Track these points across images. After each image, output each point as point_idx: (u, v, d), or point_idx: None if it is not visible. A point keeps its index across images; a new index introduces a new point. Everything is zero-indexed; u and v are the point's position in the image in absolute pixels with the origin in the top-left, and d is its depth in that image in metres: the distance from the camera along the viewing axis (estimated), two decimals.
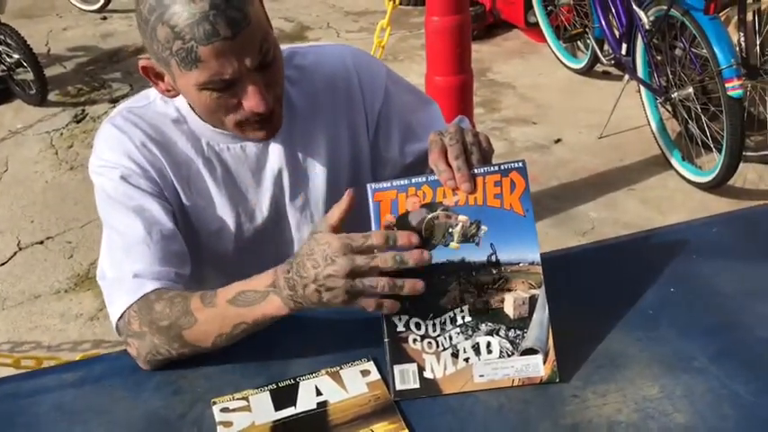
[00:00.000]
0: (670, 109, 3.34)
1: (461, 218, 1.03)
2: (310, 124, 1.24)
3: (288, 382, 1.05)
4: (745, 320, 1.12)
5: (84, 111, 4.39)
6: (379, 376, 1.04)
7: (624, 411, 0.97)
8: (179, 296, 1.08)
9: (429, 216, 1.02)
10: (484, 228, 1.03)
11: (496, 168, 1.04)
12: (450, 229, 1.03)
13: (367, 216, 1.03)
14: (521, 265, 1.03)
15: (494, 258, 1.03)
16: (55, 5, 6.15)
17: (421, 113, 1.32)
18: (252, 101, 1.06)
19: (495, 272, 1.03)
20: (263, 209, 1.26)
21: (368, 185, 1.04)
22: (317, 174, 1.26)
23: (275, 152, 1.23)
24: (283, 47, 1.29)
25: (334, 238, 0.97)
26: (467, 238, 1.03)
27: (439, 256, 1.02)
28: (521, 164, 1.04)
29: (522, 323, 1.03)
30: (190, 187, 1.21)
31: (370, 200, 1.03)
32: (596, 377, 1.03)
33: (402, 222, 1.02)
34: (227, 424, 0.99)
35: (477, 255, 1.03)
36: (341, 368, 1.06)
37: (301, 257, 0.99)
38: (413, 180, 1.04)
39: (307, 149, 1.25)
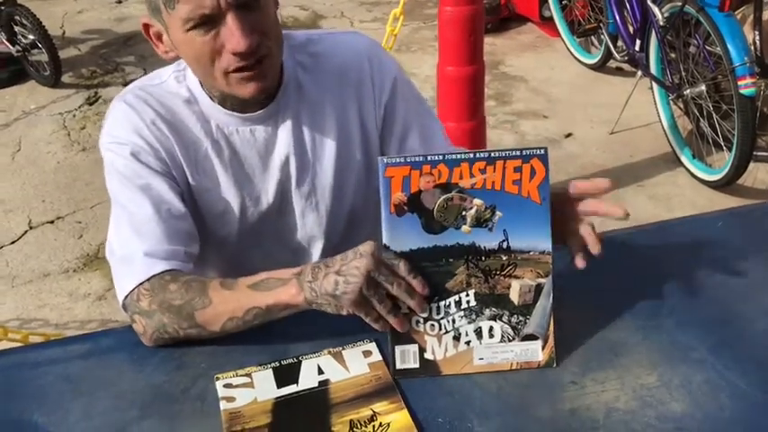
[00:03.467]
0: (682, 106, 3.33)
1: (476, 201, 1.00)
2: (320, 112, 1.25)
3: (291, 360, 1.06)
4: (746, 313, 1.12)
5: (96, 93, 4.41)
6: (380, 357, 1.06)
7: (622, 399, 0.98)
8: (197, 280, 1.10)
9: (443, 197, 1.00)
10: (499, 213, 1.01)
11: (518, 153, 1.00)
12: (464, 212, 1.00)
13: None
14: (531, 253, 1.03)
15: (505, 245, 1.02)
16: None
17: (425, 121, 1.31)
18: (232, 39, 1.06)
19: (504, 258, 1.02)
20: (268, 194, 1.26)
21: (379, 159, 1.00)
22: (325, 162, 1.26)
23: (284, 138, 1.23)
24: (299, 32, 1.29)
25: (372, 241, 1.00)
26: (480, 222, 1.01)
27: (449, 238, 1.01)
28: (542, 151, 1.01)
29: (526, 310, 1.04)
30: (197, 168, 1.22)
31: (381, 175, 0.99)
32: (595, 365, 1.04)
33: (413, 202, 1.00)
34: (230, 399, 1.00)
35: (488, 240, 1.02)
36: (343, 348, 1.07)
37: (336, 256, 1.02)
38: (428, 157, 0.99)
39: (315, 137, 1.25)
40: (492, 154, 1.00)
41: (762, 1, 3.03)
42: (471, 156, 1.00)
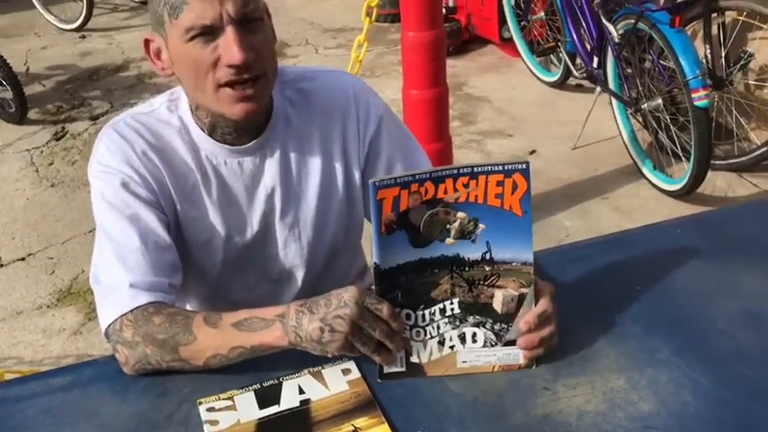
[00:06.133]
0: (641, 119, 3.42)
1: (460, 215, 1.04)
2: (306, 145, 1.27)
3: (272, 381, 1.09)
4: (706, 315, 1.18)
5: (64, 128, 4.40)
6: (359, 375, 1.09)
7: (593, 402, 1.02)
8: (181, 314, 1.11)
9: (429, 212, 1.04)
10: (481, 226, 1.05)
11: (500, 168, 1.04)
12: (448, 226, 1.05)
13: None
14: (513, 264, 1.06)
15: (488, 256, 1.06)
16: (34, 24, 6.15)
17: (411, 159, 1.33)
18: (228, 51, 1.09)
19: (487, 269, 1.06)
20: (252, 224, 1.28)
21: (371, 181, 1.02)
22: (309, 194, 1.29)
23: (270, 170, 1.26)
24: (292, 68, 1.32)
25: (356, 287, 1.04)
26: (464, 234, 1.05)
27: (434, 251, 1.05)
28: (524, 165, 1.04)
29: (509, 318, 1.08)
30: (185, 197, 1.24)
31: (372, 199, 1.02)
32: (566, 371, 1.08)
33: (402, 220, 1.03)
34: (214, 422, 1.02)
35: (472, 251, 1.06)
36: (323, 368, 1.10)
37: (318, 297, 1.05)
38: (416, 176, 1.03)
39: (301, 170, 1.28)
40: (475, 169, 1.03)
41: (710, 16, 3.15)
42: (456, 171, 1.03)
